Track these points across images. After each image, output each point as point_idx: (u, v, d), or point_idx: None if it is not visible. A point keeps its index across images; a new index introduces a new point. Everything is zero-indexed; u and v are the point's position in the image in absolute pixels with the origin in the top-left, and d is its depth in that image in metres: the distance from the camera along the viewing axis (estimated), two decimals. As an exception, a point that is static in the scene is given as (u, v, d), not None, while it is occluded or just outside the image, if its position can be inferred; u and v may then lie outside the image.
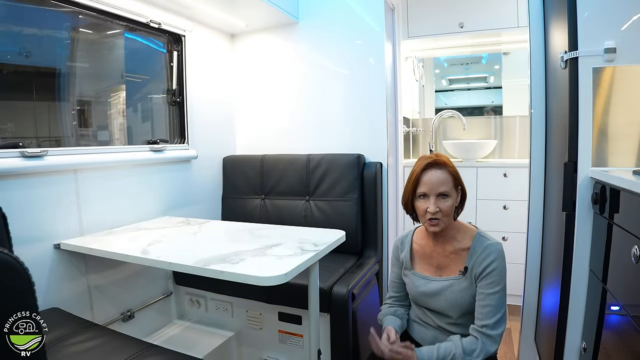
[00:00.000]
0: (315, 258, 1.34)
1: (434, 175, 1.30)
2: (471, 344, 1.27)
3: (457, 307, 1.33)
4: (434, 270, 1.40)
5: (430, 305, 1.38)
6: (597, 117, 1.40)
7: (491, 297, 1.27)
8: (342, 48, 2.37)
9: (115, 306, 1.85)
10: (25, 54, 1.68)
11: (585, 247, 1.42)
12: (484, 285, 1.28)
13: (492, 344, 1.26)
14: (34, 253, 1.55)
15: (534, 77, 1.91)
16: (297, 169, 2.30)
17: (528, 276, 2.06)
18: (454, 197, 1.31)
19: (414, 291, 1.43)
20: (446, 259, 1.38)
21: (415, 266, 1.45)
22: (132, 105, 2.15)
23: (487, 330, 1.26)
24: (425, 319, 1.44)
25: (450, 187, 1.30)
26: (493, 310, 1.26)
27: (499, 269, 1.28)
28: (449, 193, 1.29)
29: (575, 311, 1.46)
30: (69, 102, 1.83)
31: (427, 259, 1.42)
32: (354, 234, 2.12)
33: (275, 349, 1.93)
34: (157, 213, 2.09)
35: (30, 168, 1.50)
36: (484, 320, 1.27)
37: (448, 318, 1.37)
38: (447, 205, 1.29)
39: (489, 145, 3.10)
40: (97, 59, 2.00)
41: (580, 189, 1.42)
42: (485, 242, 1.32)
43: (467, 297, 1.32)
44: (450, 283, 1.34)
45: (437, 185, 1.29)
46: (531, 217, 2.00)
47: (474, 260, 1.31)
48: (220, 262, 1.26)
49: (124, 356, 1.21)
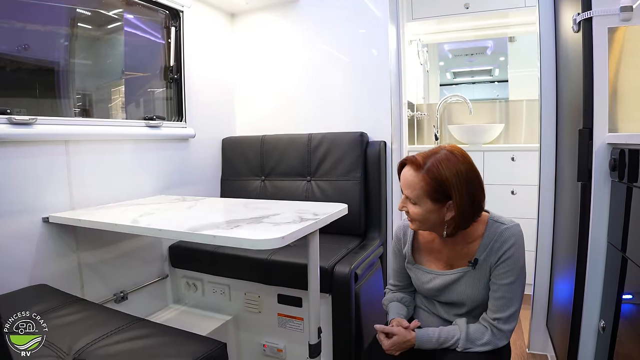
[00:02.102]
0: (315, 226, 1.25)
1: (404, 176, 1.16)
2: (478, 331, 1.15)
3: (469, 300, 1.20)
4: (443, 265, 1.26)
5: (439, 298, 1.27)
6: (609, 82, 1.32)
7: (506, 288, 1.14)
8: (344, 26, 2.29)
9: (107, 286, 1.77)
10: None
11: (602, 219, 1.33)
12: (499, 275, 1.15)
13: (501, 339, 1.15)
14: (21, 226, 1.48)
15: (543, 44, 1.86)
16: (298, 148, 2.22)
17: (539, 259, 1.99)
18: (425, 207, 1.13)
19: (420, 287, 1.30)
20: (455, 250, 1.24)
21: (420, 259, 1.31)
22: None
23: (498, 323, 1.14)
24: (432, 308, 1.32)
25: (415, 194, 1.12)
26: (507, 302, 1.14)
27: (515, 257, 1.14)
28: (415, 200, 1.13)
29: (592, 288, 1.37)
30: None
31: (435, 254, 1.29)
32: (357, 215, 2.04)
33: (275, 334, 1.85)
34: (153, 192, 2.02)
35: (17, 135, 1.44)
36: (496, 312, 1.15)
37: (458, 309, 1.25)
38: (415, 211, 1.14)
39: (496, 129, 3.01)
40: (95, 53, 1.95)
41: (596, 156, 1.33)
42: (501, 227, 1.17)
43: (480, 288, 1.19)
44: (460, 275, 1.21)
45: (404, 186, 1.16)
46: (542, 197, 1.93)
47: (488, 249, 1.17)
48: (213, 229, 1.18)
49: (109, 329, 1.13)
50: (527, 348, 2.04)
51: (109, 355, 1.01)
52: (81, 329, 1.14)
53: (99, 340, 1.08)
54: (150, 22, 2.12)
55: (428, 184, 1.10)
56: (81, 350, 1.04)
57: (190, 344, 1.07)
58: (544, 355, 1.97)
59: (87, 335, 1.09)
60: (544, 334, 1.97)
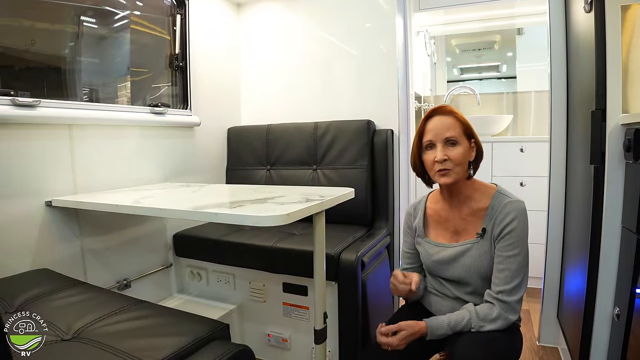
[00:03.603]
0: (321, 206, 1.22)
1: (439, 121, 1.20)
2: (486, 309, 1.14)
3: (476, 274, 1.20)
4: (451, 236, 1.27)
5: (447, 274, 1.26)
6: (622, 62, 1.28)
7: (509, 260, 1.14)
8: (351, 15, 2.27)
9: (110, 273, 1.76)
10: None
11: (617, 202, 1.29)
12: (502, 248, 1.15)
13: (510, 312, 1.13)
14: (24, 209, 1.46)
15: (552, 29, 1.84)
16: (304, 137, 2.20)
17: (549, 251, 1.95)
18: (464, 146, 1.18)
19: (428, 260, 1.30)
20: (463, 222, 1.25)
21: (429, 233, 1.32)
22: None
23: (503, 296, 1.13)
24: (441, 289, 1.30)
25: (458, 133, 1.18)
26: (511, 275, 1.14)
27: (519, 230, 1.15)
28: (457, 139, 1.18)
29: (606, 274, 1.32)
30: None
31: (443, 224, 1.30)
32: (364, 203, 2.01)
33: (280, 323, 1.82)
34: (157, 179, 2.00)
35: (20, 117, 1.42)
36: (500, 285, 1.14)
37: (466, 287, 1.24)
38: (457, 152, 1.17)
39: (504, 120, 2.97)
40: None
41: (610, 138, 1.29)
42: (505, 200, 1.19)
43: (486, 261, 1.19)
44: (467, 247, 1.21)
45: (442, 130, 1.18)
46: (552, 186, 1.89)
47: (492, 220, 1.18)
48: (216, 208, 1.16)
49: (108, 310, 1.11)
50: (537, 341, 1.99)
51: (109, 334, 0.98)
52: (81, 309, 1.11)
53: (99, 320, 1.05)
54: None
55: (462, 122, 1.20)
56: (80, 329, 1.01)
57: (192, 324, 1.04)
58: (554, 348, 1.93)
59: (87, 316, 1.07)
60: (555, 326, 1.93)
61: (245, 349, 0.98)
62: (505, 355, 1.11)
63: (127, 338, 0.96)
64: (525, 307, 2.36)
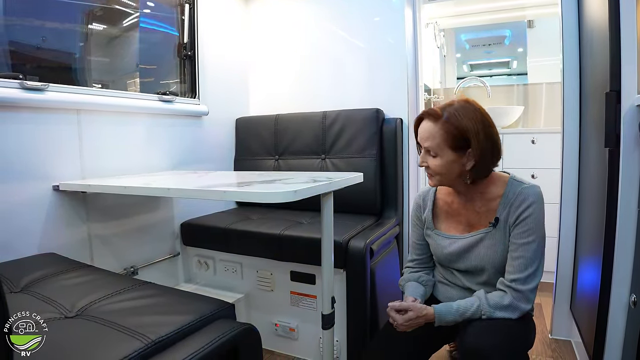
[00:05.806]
0: (328, 187, 1.20)
1: (423, 127, 1.16)
2: (497, 296, 1.11)
3: (490, 264, 1.16)
4: (463, 228, 1.23)
5: (459, 266, 1.23)
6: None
7: (524, 247, 1.10)
8: (361, 8, 2.25)
9: (117, 260, 1.75)
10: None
11: (633, 185, 1.24)
12: (517, 235, 1.12)
13: (523, 300, 1.09)
14: (31, 192, 1.46)
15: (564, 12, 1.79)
16: (313, 126, 2.18)
17: (562, 243, 1.91)
18: (445, 158, 1.12)
19: (439, 253, 1.26)
20: (477, 215, 1.21)
21: (439, 225, 1.28)
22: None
23: (516, 284, 1.09)
24: (452, 279, 1.27)
25: (437, 144, 1.12)
26: (525, 262, 1.10)
27: (534, 216, 1.11)
28: (435, 150, 1.13)
29: (622, 260, 1.28)
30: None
31: (455, 217, 1.26)
32: (373, 193, 1.98)
33: (287, 313, 1.81)
34: (165, 167, 1.99)
35: (29, 101, 1.42)
36: (514, 273, 1.10)
37: (479, 277, 1.20)
38: (434, 163, 1.14)
39: (515, 111, 2.92)
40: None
41: (625, 120, 1.25)
42: (520, 186, 1.15)
43: (500, 250, 1.15)
44: (480, 237, 1.18)
45: (423, 138, 1.16)
46: (565, 176, 1.85)
47: (507, 208, 1.14)
48: (224, 187, 1.14)
49: (113, 289, 1.10)
50: (549, 334, 1.95)
51: (113, 311, 0.97)
52: (86, 289, 1.11)
53: (103, 299, 1.04)
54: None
55: (448, 132, 1.11)
56: (84, 307, 1.00)
57: (198, 303, 1.03)
58: (567, 341, 1.89)
59: (92, 295, 1.06)
60: (568, 319, 1.89)
61: (250, 327, 0.96)
62: (517, 345, 1.07)
63: (130, 315, 0.95)
64: (536, 300, 2.31)
